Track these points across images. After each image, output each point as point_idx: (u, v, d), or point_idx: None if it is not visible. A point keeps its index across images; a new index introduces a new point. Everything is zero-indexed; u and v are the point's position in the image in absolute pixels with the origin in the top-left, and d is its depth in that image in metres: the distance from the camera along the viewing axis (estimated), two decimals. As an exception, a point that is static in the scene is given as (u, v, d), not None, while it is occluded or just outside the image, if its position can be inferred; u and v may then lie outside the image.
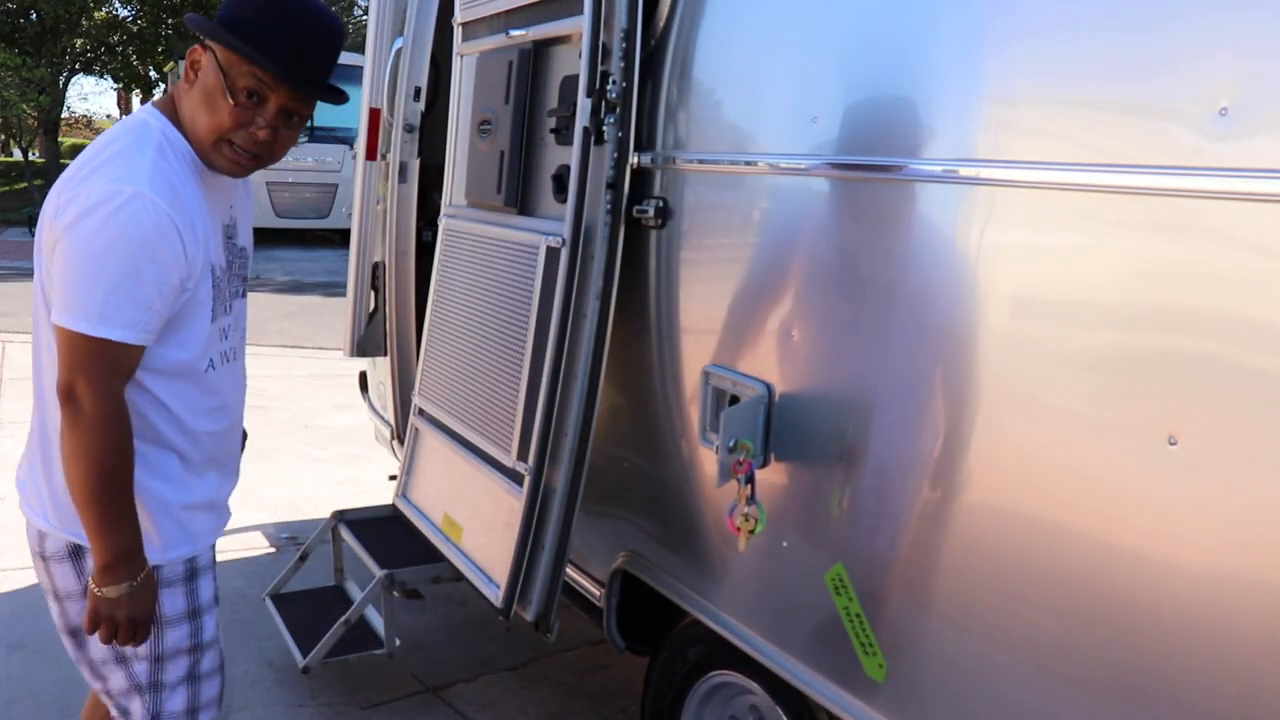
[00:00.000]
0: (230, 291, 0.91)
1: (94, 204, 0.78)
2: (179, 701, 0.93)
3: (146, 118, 0.84)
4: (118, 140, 0.82)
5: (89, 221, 0.78)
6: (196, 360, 0.87)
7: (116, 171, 0.79)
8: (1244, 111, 0.63)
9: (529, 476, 1.17)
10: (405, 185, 1.74)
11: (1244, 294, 0.63)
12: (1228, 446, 0.64)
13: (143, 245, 0.78)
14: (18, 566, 1.98)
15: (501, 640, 1.76)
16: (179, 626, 0.91)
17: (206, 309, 0.86)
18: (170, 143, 0.83)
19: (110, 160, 0.80)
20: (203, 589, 0.93)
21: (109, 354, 0.79)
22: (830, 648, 0.93)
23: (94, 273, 0.78)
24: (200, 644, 0.93)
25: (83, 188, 0.79)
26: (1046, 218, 0.75)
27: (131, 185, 0.78)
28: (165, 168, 0.81)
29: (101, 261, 0.78)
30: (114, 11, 11.72)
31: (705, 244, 1.08)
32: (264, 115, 0.82)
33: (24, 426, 3.30)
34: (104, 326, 0.78)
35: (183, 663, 0.92)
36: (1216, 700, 0.66)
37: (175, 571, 0.90)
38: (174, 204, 0.80)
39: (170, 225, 0.79)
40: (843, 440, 0.90)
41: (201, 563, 0.92)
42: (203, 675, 0.94)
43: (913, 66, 0.85)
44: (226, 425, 0.93)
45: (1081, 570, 0.72)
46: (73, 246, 0.79)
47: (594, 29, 1.09)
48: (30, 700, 1.52)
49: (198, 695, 0.94)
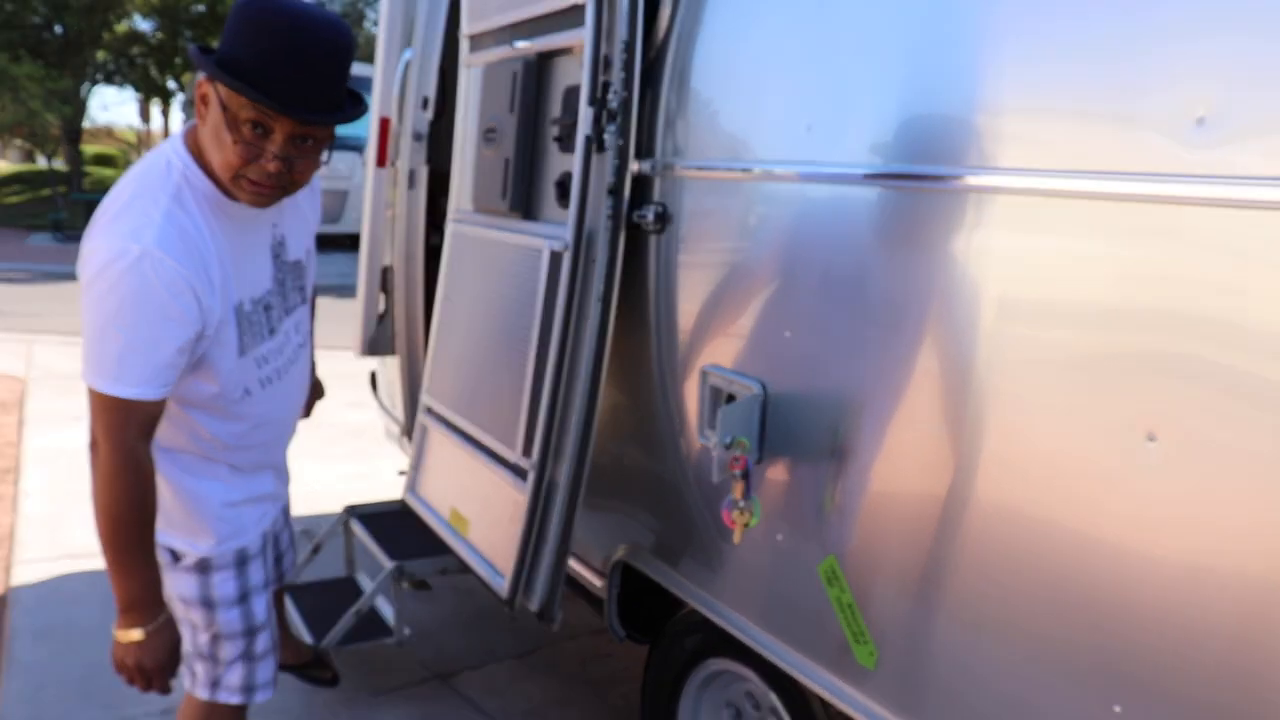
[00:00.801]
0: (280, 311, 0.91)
1: (104, 264, 0.77)
2: (235, 677, 0.97)
3: (170, 156, 0.82)
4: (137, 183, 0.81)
5: (100, 283, 0.77)
6: (228, 391, 0.87)
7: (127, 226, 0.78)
8: (1220, 121, 0.65)
9: (533, 472, 1.19)
10: (414, 191, 1.76)
11: (1220, 297, 0.65)
12: (1204, 443, 0.66)
13: (154, 306, 0.77)
14: (43, 558, 2.02)
15: (507, 630, 1.78)
16: (231, 609, 0.95)
17: (232, 348, 0.86)
18: (190, 184, 0.81)
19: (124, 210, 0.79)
20: (253, 574, 0.96)
21: (124, 410, 0.79)
22: (823, 636, 0.95)
23: (106, 334, 0.78)
24: (253, 626, 0.97)
25: (97, 242, 0.78)
26: (1032, 223, 0.76)
27: (139, 244, 0.77)
28: (179, 217, 0.79)
29: (113, 322, 0.78)
30: (135, 25, 11.89)
31: (703, 248, 1.10)
32: (272, 146, 0.78)
33: (51, 423, 3.38)
34: (119, 385, 0.78)
35: (239, 643, 0.96)
36: (1195, 688, 0.67)
37: (226, 559, 0.94)
38: (185, 258, 0.78)
39: (182, 282, 0.78)
40: (835, 437, 0.92)
41: (252, 550, 0.96)
42: (258, 655, 0.98)
43: (903, 77, 0.87)
44: (273, 436, 0.95)
45: (1064, 560, 0.74)
46: (88, 307, 0.79)
47: (595, 41, 1.12)
48: (56, 686, 1.56)
49: (253, 674, 0.98)
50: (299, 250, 0.97)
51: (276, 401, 0.95)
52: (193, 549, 0.92)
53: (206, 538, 0.92)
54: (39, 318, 4.65)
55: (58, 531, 2.17)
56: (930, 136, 0.85)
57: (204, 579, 0.93)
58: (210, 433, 0.90)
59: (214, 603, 0.94)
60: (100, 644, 1.70)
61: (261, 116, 0.78)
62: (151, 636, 0.84)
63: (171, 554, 0.93)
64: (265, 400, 0.93)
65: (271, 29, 0.76)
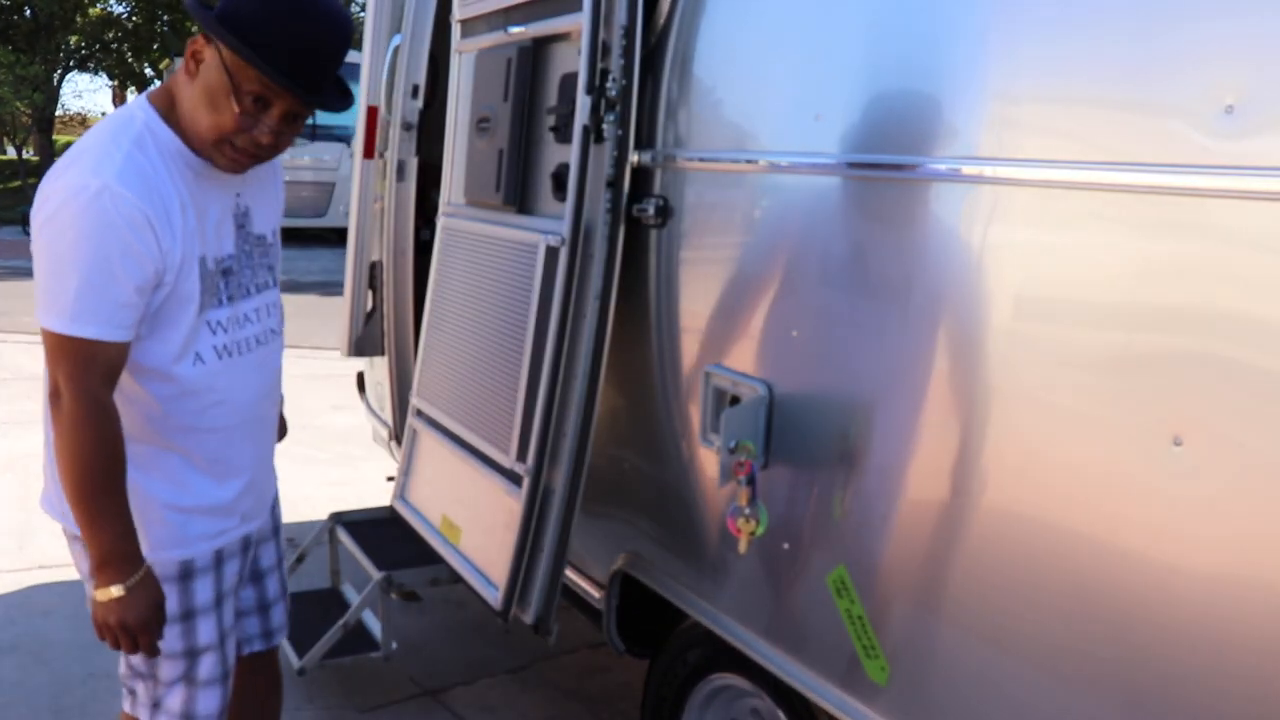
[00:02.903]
0: (243, 282, 0.88)
1: (62, 201, 0.76)
2: (175, 701, 0.91)
3: (134, 110, 0.82)
4: (96, 133, 0.80)
5: (58, 219, 0.76)
6: (181, 355, 0.84)
7: (87, 165, 0.77)
8: (1250, 109, 0.62)
9: (528, 477, 1.16)
10: (403, 184, 1.73)
11: (1250, 293, 0.63)
12: (1233, 447, 0.64)
13: (112, 240, 0.75)
14: (11, 569, 1.97)
15: (500, 643, 1.75)
16: (170, 627, 0.88)
17: (192, 303, 0.83)
18: (154, 134, 0.80)
19: (82, 154, 0.78)
20: (199, 590, 0.90)
21: (84, 352, 0.77)
22: (832, 650, 0.92)
23: (63, 270, 0.76)
24: (195, 648, 0.91)
25: (54, 184, 0.77)
26: (1052, 216, 0.74)
27: (99, 179, 0.76)
28: (140, 160, 0.78)
29: (70, 258, 0.76)
30: (109, 8, 11.67)
31: (706, 243, 1.08)
32: (268, 120, 0.79)
33: (20, 426, 3.27)
34: (76, 324, 0.76)
35: (178, 664, 0.90)
36: (1222, 702, 0.65)
37: (167, 570, 0.88)
38: (145, 196, 0.77)
39: (141, 217, 0.76)
40: (845, 441, 0.90)
41: (199, 565, 0.90)
42: (200, 681, 0.92)
43: (916, 64, 0.85)
44: (233, 423, 0.89)
45: (1086, 572, 0.72)
46: (44, 245, 0.77)
47: (593, 26, 1.08)
48: (24, 704, 1.51)
49: (194, 702, 0.91)
50: (264, 226, 0.92)
51: (235, 378, 0.88)
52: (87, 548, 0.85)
53: (142, 541, 0.84)
54: (7, 316, 4.58)
55: (27, 542, 2.11)
56: (944, 126, 0.82)
57: None
58: (163, 409, 0.85)
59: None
60: (72, 659, 1.65)
61: (265, 92, 0.78)
62: (132, 592, 0.80)
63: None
64: (222, 374, 0.87)
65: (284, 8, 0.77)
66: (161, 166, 0.80)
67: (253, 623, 1.02)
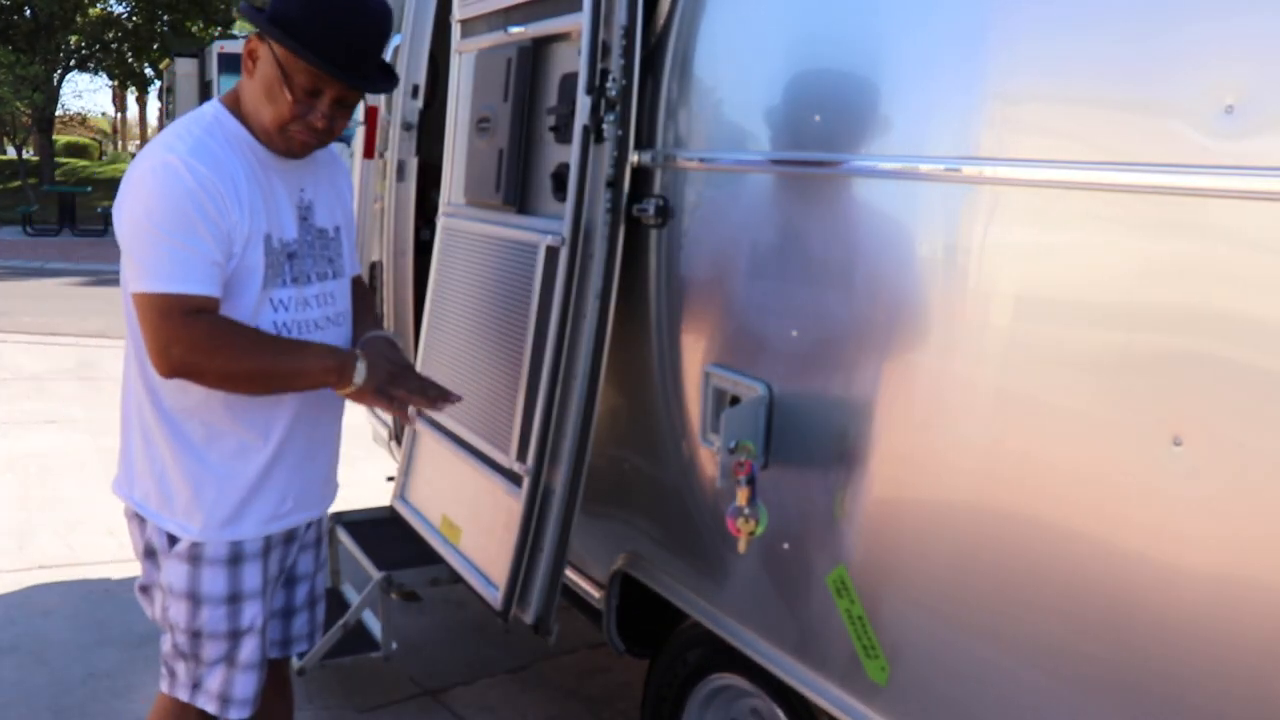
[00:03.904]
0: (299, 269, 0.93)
1: (140, 177, 0.85)
2: (215, 681, 0.95)
3: (206, 108, 0.92)
4: (172, 127, 0.90)
5: (140, 195, 0.85)
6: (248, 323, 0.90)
7: (161, 147, 0.86)
8: (1250, 109, 0.62)
9: (528, 477, 1.16)
10: (403, 184, 1.73)
11: (1250, 293, 0.63)
12: (1233, 447, 0.64)
13: (191, 205, 0.84)
14: (11, 569, 1.96)
15: (500, 643, 1.75)
16: (218, 607, 0.92)
17: (257, 275, 0.89)
18: (221, 125, 0.89)
19: (158, 142, 0.88)
20: (247, 575, 0.93)
21: (184, 305, 0.84)
22: (832, 650, 0.92)
23: (152, 238, 0.84)
24: (239, 629, 0.94)
25: (135, 170, 0.86)
26: (1052, 217, 0.74)
27: (174, 155, 0.85)
28: (209, 143, 0.87)
29: (157, 226, 0.84)
30: (109, 8, 11.67)
31: (706, 243, 1.07)
32: (321, 106, 0.88)
33: (20, 426, 3.26)
34: (174, 282, 0.83)
35: (221, 645, 0.93)
36: (1222, 702, 0.65)
37: (218, 552, 0.92)
38: (214, 170, 0.86)
39: (212, 186, 0.85)
40: (845, 441, 0.90)
41: (249, 550, 0.93)
42: (240, 664, 0.94)
43: (917, 63, 0.85)
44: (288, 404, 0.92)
45: (1086, 572, 0.72)
46: (130, 222, 0.85)
47: (594, 26, 1.08)
48: (23, 704, 1.50)
49: (231, 684, 0.94)
50: (327, 220, 0.99)
51: None
52: (185, 532, 0.91)
53: (198, 518, 0.91)
54: (8, 316, 4.59)
55: (27, 542, 2.10)
56: (945, 127, 0.82)
57: (193, 571, 0.92)
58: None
59: (200, 598, 0.92)
60: (72, 659, 1.64)
61: (316, 81, 0.86)
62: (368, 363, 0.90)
63: (168, 536, 0.92)
64: None
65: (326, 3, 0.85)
66: (229, 150, 0.88)
67: (274, 627, 1.03)
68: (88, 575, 1.93)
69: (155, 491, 0.91)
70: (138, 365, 0.90)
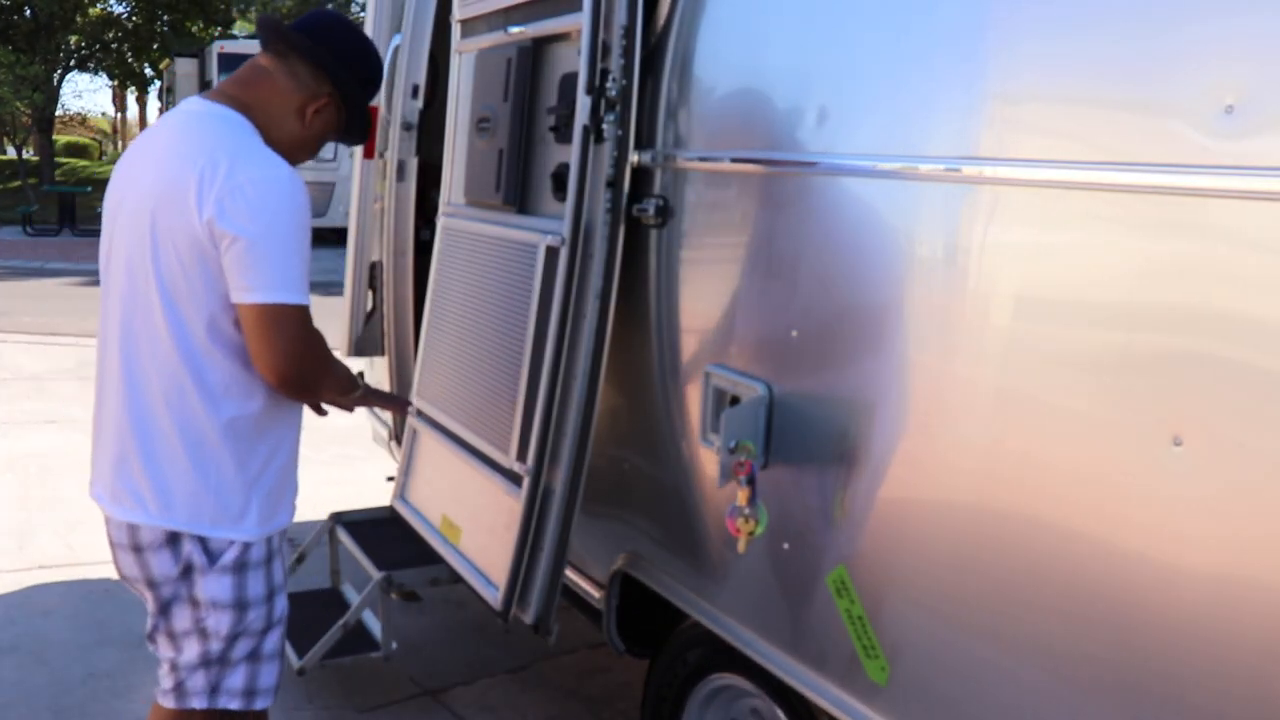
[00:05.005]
0: None
1: (271, 189, 0.87)
2: (238, 680, 0.96)
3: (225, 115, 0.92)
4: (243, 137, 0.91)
5: (274, 204, 0.87)
6: None
7: (270, 162, 0.90)
8: (1250, 109, 0.62)
9: (528, 477, 1.16)
10: (403, 184, 1.73)
11: (1250, 293, 0.63)
12: (1233, 447, 0.63)
13: (308, 219, 0.91)
14: (11, 569, 1.96)
15: (500, 643, 1.75)
16: (260, 607, 0.96)
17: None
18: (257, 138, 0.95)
19: (255, 155, 0.90)
20: (277, 569, 0.99)
21: (309, 319, 0.90)
22: (832, 650, 0.92)
23: (288, 249, 0.88)
24: (272, 622, 0.98)
25: (240, 176, 0.87)
26: (1052, 217, 0.74)
27: (288, 169, 0.90)
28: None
29: (297, 238, 0.89)
30: (109, 8, 11.67)
31: (706, 243, 1.07)
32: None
33: (20, 426, 3.25)
34: (304, 295, 0.90)
35: (252, 641, 0.96)
36: (1222, 702, 0.65)
37: (259, 552, 0.96)
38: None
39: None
40: (845, 441, 0.90)
41: (276, 544, 0.99)
42: (264, 656, 0.97)
43: (916, 64, 0.85)
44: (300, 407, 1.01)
45: (1086, 572, 0.72)
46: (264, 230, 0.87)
47: (594, 26, 1.08)
48: (24, 704, 1.50)
49: (257, 676, 0.97)
50: None
51: None
52: (243, 534, 0.94)
53: (252, 518, 0.94)
54: (8, 316, 4.58)
55: (27, 542, 2.10)
56: (945, 127, 0.82)
57: (239, 579, 0.94)
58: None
59: (247, 603, 0.95)
60: (72, 659, 1.64)
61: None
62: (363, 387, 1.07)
63: (206, 554, 0.93)
64: None
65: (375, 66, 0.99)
66: None
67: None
68: (88, 575, 1.93)
69: (211, 506, 0.92)
70: (188, 375, 0.89)
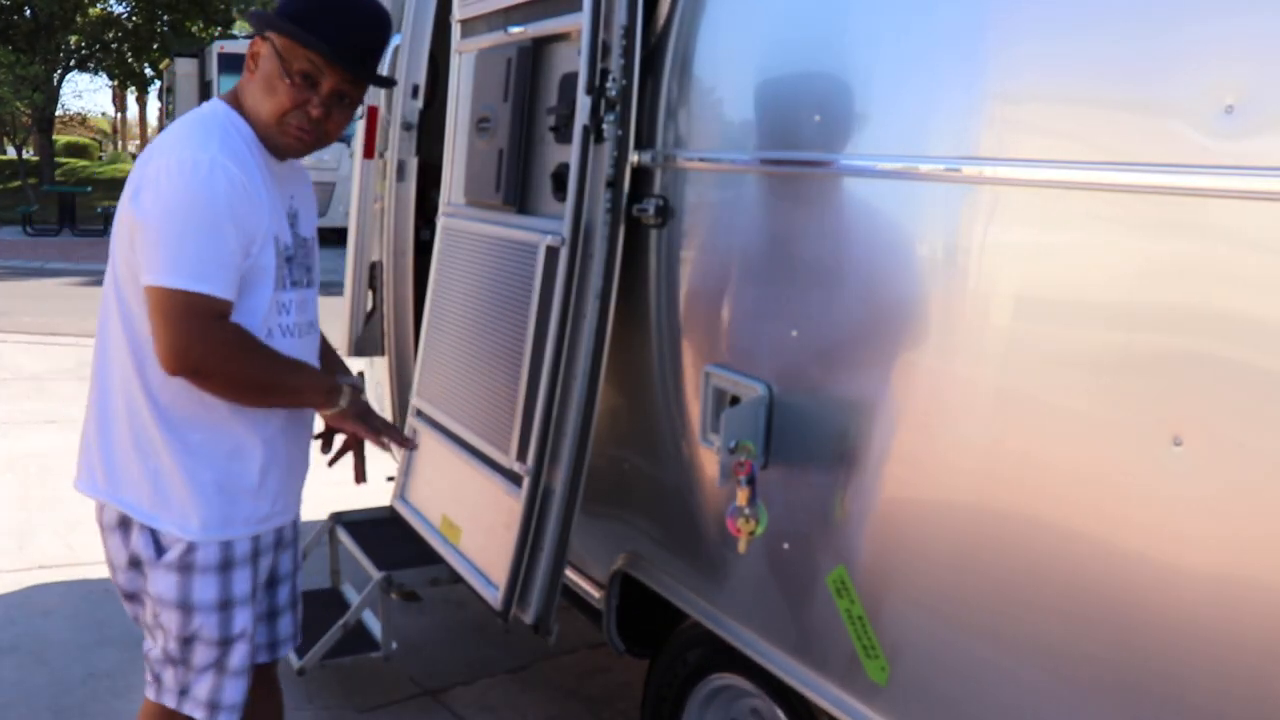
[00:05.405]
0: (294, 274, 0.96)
1: (174, 173, 0.85)
2: (204, 688, 0.94)
3: (211, 108, 0.92)
4: (184, 127, 0.90)
5: (173, 184, 0.85)
6: (258, 328, 0.90)
7: (191, 145, 0.87)
8: (1250, 109, 0.62)
9: (528, 477, 1.16)
10: (403, 184, 1.73)
11: (1250, 293, 0.63)
12: (1233, 447, 0.64)
13: (224, 205, 0.85)
14: (11, 569, 1.96)
15: (500, 643, 1.75)
16: (210, 615, 0.92)
17: (270, 276, 0.91)
18: (234, 124, 0.90)
19: (179, 141, 0.88)
20: (237, 581, 0.93)
21: (205, 305, 0.85)
22: (832, 650, 0.92)
23: (182, 233, 0.85)
24: (230, 636, 0.94)
25: (159, 164, 0.86)
26: (1052, 217, 0.74)
27: (207, 154, 0.86)
28: (236, 142, 0.89)
29: (189, 222, 0.85)
30: (109, 8, 11.67)
31: (706, 243, 1.07)
32: (318, 95, 0.89)
33: (20, 426, 3.27)
34: (202, 282, 0.84)
35: (211, 651, 0.93)
36: (1222, 702, 0.65)
37: (209, 557, 0.92)
38: (241, 169, 0.87)
39: (241, 187, 0.87)
40: (845, 441, 0.90)
41: (238, 554, 0.93)
42: (230, 670, 0.94)
43: (916, 63, 0.85)
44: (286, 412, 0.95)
45: (1086, 572, 0.72)
46: (162, 215, 0.85)
47: (594, 26, 1.08)
48: (24, 704, 1.50)
49: (220, 690, 0.94)
50: (308, 230, 1.01)
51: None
52: (183, 531, 0.91)
53: (195, 517, 0.91)
54: (8, 316, 4.59)
55: (27, 542, 2.10)
56: (945, 127, 0.82)
57: (184, 580, 0.91)
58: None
59: (192, 606, 0.92)
60: (72, 659, 1.64)
61: (311, 67, 0.88)
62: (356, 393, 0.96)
63: (156, 546, 0.92)
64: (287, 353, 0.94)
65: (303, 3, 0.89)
66: (246, 149, 0.90)
67: (260, 631, 1.03)
68: (88, 575, 1.93)
69: (150, 493, 0.90)
70: (132, 362, 0.89)
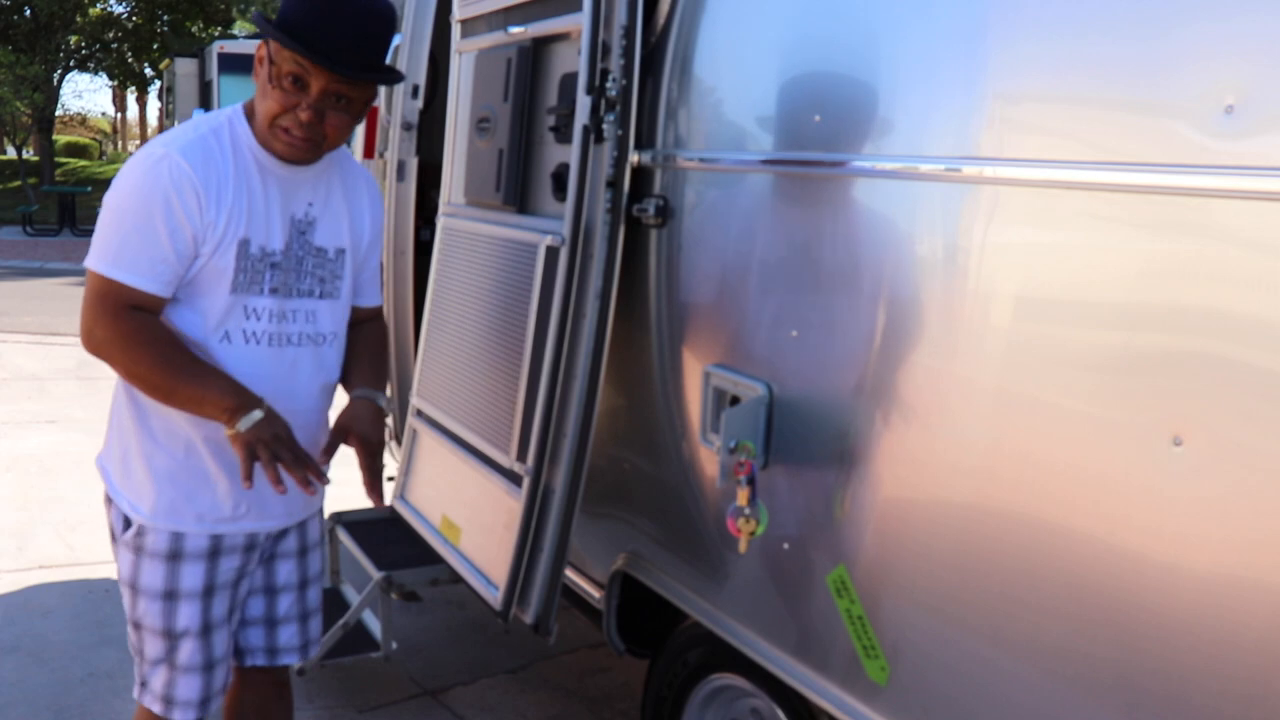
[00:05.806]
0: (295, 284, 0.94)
1: (131, 164, 0.87)
2: (157, 682, 0.94)
3: (225, 111, 0.93)
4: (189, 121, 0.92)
5: (121, 178, 0.87)
6: (214, 330, 0.90)
7: (161, 139, 0.88)
8: (1250, 109, 0.62)
9: (528, 477, 1.16)
10: (403, 184, 1.73)
11: (1250, 293, 0.63)
12: (1234, 447, 0.63)
13: (159, 198, 0.85)
14: (11, 569, 1.96)
15: (500, 643, 1.75)
16: (153, 602, 0.92)
17: (225, 280, 0.90)
18: (232, 129, 0.91)
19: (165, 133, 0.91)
20: (186, 574, 0.92)
21: (119, 294, 0.85)
22: (832, 650, 0.92)
23: (113, 222, 0.86)
24: (172, 630, 0.93)
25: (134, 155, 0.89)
26: (1051, 217, 0.74)
27: (164, 148, 0.86)
28: (210, 143, 0.89)
29: (120, 210, 0.86)
30: (109, 8, 11.67)
31: (706, 243, 1.07)
32: (307, 98, 0.87)
33: (20, 426, 3.26)
34: (115, 269, 0.85)
35: (158, 643, 0.93)
36: (1222, 702, 0.65)
37: (158, 544, 0.92)
38: (201, 168, 0.87)
39: (189, 185, 0.86)
40: (845, 441, 0.90)
41: (190, 547, 0.92)
42: (179, 666, 0.93)
43: (916, 63, 0.85)
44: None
45: (1086, 572, 0.72)
46: (106, 200, 0.87)
47: (593, 26, 1.08)
48: (24, 704, 1.50)
49: (173, 686, 0.93)
50: (329, 241, 0.97)
51: (257, 368, 0.92)
52: (135, 512, 0.92)
53: (147, 501, 0.92)
54: (7, 316, 4.59)
55: (27, 542, 2.10)
56: (945, 127, 0.82)
57: (135, 560, 0.92)
58: None
59: (138, 588, 0.92)
60: (72, 659, 1.64)
61: (298, 70, 0.87)
62: (269, 412, 0.88)
63: (124, 522, 0.93)
64: (245, 360, 0.91)
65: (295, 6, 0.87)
66: (229, 153, 0.89)
67: (257, 634, 1.02)
68: (88, 575, 1.93)
69: (119, 470, 0.93)
70: None
